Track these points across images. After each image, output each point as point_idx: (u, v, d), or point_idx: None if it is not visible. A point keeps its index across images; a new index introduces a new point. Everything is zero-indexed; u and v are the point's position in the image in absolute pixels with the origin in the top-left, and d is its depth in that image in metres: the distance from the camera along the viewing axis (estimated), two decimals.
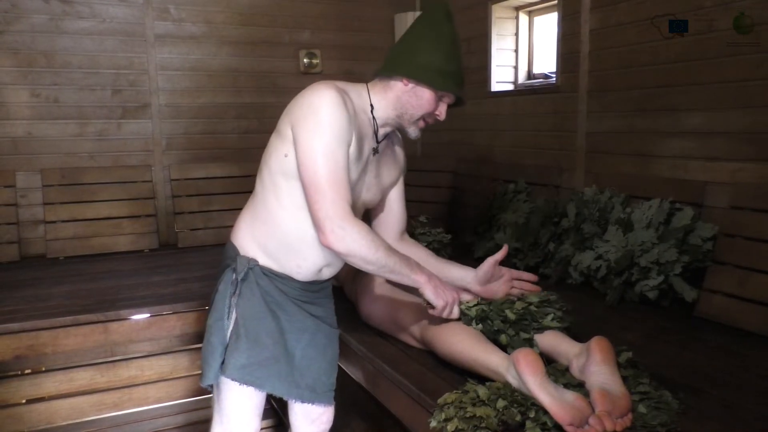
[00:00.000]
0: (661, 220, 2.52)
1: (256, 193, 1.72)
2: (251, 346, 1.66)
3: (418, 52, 1.66)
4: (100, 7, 3.73)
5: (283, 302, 1.71)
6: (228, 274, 1.70)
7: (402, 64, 1.67)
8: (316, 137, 1.53)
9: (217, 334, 1.68)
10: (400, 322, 2.02)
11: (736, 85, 2.41)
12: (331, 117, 1.53)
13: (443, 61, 1.66)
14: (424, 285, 1.65)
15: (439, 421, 1.49)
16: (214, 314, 1.70)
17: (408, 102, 1.69)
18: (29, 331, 2.44)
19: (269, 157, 1.66)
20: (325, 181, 1.52)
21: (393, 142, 1.90)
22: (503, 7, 3.81)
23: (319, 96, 1.55)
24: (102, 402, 2.72)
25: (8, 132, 3.61)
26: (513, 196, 3.43)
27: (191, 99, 4.00)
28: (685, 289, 2.35)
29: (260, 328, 1.67)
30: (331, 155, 1.53)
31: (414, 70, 1.65)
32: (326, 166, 1.53)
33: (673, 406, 1.51)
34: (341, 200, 1.53)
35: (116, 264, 3.42)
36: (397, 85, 1.69)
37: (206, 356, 1.70)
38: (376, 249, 1.57)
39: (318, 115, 1.53)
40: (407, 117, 1.72)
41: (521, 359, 1.48)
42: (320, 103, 1.54)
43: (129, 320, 2.58)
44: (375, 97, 1.71)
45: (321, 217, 1.53)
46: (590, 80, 3.11)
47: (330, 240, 1.54)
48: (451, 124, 4.30)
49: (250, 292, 1.68)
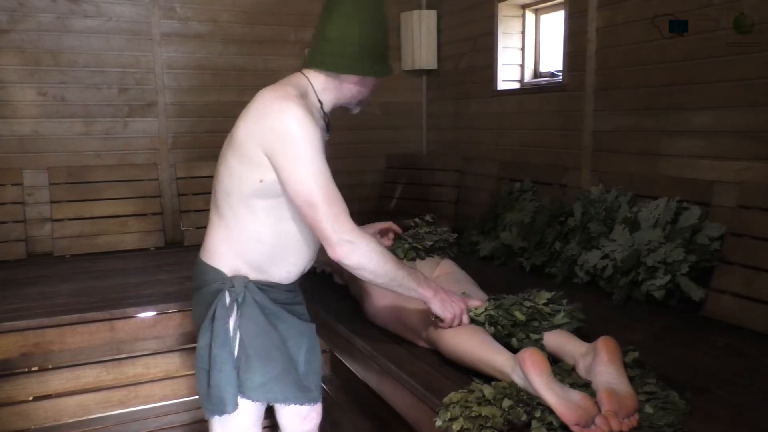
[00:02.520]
0: (668, 219, 2.51)
1: (225, 216, 1.64)
2: (264, 363, 1.63)
3: (369, 45, 1.64)
4: (106, 5, 3.74)
5: (278, 312, 1.68)
6: (222, 297, 1.63)
7: (361, 60, 1.64)
8: (299, 161, 1.50)
9: (227, 362, 1.61)
10: (405, 322, 2.02)
11: (744, 83, 2.40)
12: (305, 136, 1.50)
13: (384, 46, 1.70)
14: (431, 299, 1.68)
15: (444, 420, 1.49)
16: (217, 341, 1.62)
17: (359, 92, 1.72)
18: (36, 329, 2.45)
19: (238, 183, 1.58)
20: (321, 200, 1.51)
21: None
22: (510, 6, 3.80)
23: (288, 117, 1.51)
24: (108, 399, 2.73)
25: (15, 130, 3.63)
26: (519, 195, 3.42)
27: (197, 97, 4.00)
28: (692, 288, 2.34)
29: (267, 342, 1.64)
30: (319, 172, 1.52)
31: (369, 66, 1.66)
32: (318, 184, 1.51)
33: (679, 406, 1.50)
34: (342, 213, 1.53)
35: (122, 262, 3.43)
36: (351, 80, 1.68)
37: (221, 385, 1.61)
38: (386, 262, 1.58)
39: (294, 139, 1.50)
40: (354, 102, 1.76)
41: (527, 359, 1.48)
42: (293, 125, 1.50)
43: (135, 318, 2.59)
44: (323, 92, 1.69)
45: (328, 234, 1.52)
46: (597, 79, 3.10)
47: (340, 255, 1.53)
48: (457, 122, 4.32)
49: (250, 310, 1.63)
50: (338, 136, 4.48)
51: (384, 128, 4.62)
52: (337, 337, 2.32)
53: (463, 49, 4.19)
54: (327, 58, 1.65)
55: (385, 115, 4.61)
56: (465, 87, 4.20)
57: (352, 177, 4.54)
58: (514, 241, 3.15)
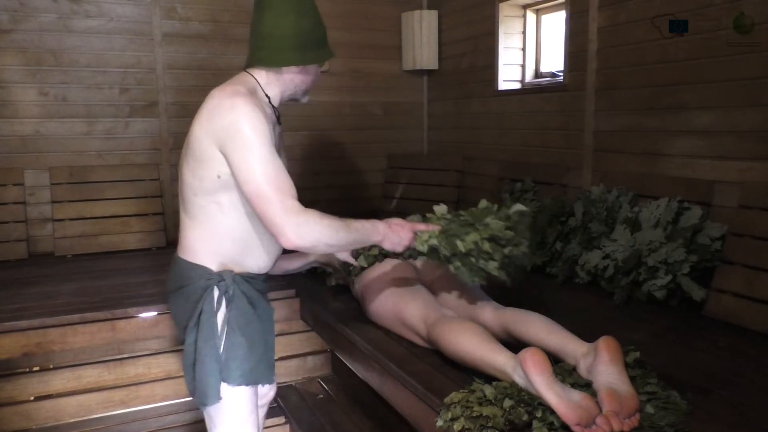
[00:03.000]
0: (669, 219, 2.51)
1: (196, 216, 1.68)
2: (249, 349, 1.69)
3: (301, 35, 1.68)
4: (107, 6, 3.74)
5: (258, 299, 1.75)
6: (209, 293, 1.67)
7: (291, 51, 1.68)
8: (248, 153, 1.55)
9: (211, 354, 1.66)
10: (406, 321, 2.02)
11: (746, 83, 2.40)
12: (254, 129, 1.56)
13: (322, 33, 1.74)
14: (383, 242, 1.76)
15: (445, 420, 1.49)
16: (202, 335, 1.66)
17: (302, 81, 1.75)
18: (37, 329, 2.45)
19: (200, 182, 1.64)
20: (268, 188, 1.54)
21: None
22: (511, 6, 3.80)
23: (237, 113, 1.56)
24: (109, 399, 2.74)
25: (17, 130, 3.63)
26: (520, 195, 3.42)
27: (198, 97, 3.91)
28: (693, 288, 2.34)
29: (253, 330, 1.71)
30: (266, 164, 1.56)
31: (305, 55, 1.70)
32: (264, 177, 1.55)
33: (681, 406, 1.50)
34: (290, 199, 1.56)
35: (124, 262, 3.44)
36: (290, 71, 1.72)
37: (204, 378, 1.66)
38: (336, 230, 1.61)
39: (242, 134, 1.55)
40: (300, 91, 1.79)
41: (528, 359, 1.48)
42: (241, 119, 1.56)
43: (136, 318, 2.59)
44: (268, 87, 1.73)
45: (277, 222, 1.54)
46: (598, 78, 3.10)
47: (293, 240, 1.56)
48: (458, 122, 4.32)
49: (240, 301, 1.69)
50: (339, 136, 4.54)
51: (385, 128, 4.63)
52: (338, 337, 2.33)
53: (464, 49, 4.19)
54: (264, 54, 1.70)
55: (386, 115, 4.61)
56: (466, 87, 4.20)
57: (353, 177, 4.55)
58: None
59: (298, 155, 4.20)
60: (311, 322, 2.69)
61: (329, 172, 4.42)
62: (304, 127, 4.30)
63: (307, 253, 2.31)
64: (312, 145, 4.34)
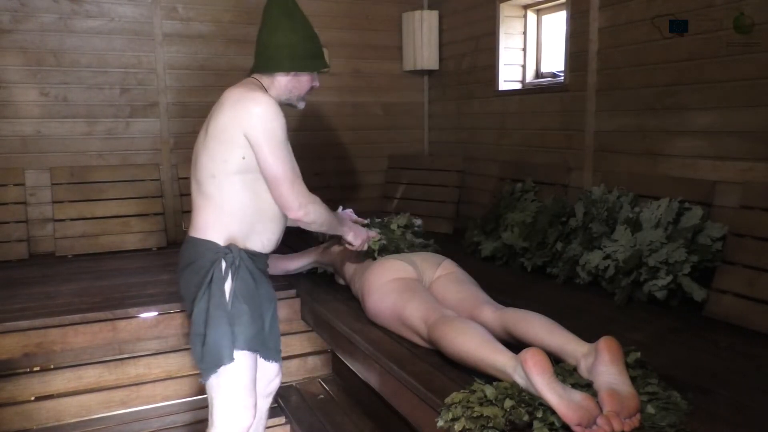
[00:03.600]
0: (670, 219, 2.51)
1: (212, 196, 1.92)
2: (252, 320, 1.90)
3: (291, 46, 1.99)
4: (108, 6, 3.74)
5: (259, 277, 1.97)
6: (218, 264, 1.88)
7: (282, 59, 1.99)
8: (271, 142, 1.87)
9: (222, 319, 1.85)
10: (406, 321, 2.02)
11: (747, 83, 2.40)
12: (276, 122, 1.87)
13: (311, 47, 2.05)
14: (348, 233, 2.28)
15: (446, 420, 1.49)
16: (213, 301, 1.86)
17: (294, 87, 2.05)
18: (38, 329, 2.45)
19: (223, 164, 1.89)
20: (285, 176, 1.90)
21: None
22: (511, 6, 3.80)
23: (265, 107, 1.86)
24: (110, 399, 2.74)
25: (17, 130, 3.63)
26: (520, 195, 3.42)
27: (199, 98, 4.00)
28: (694, 289, 2.34)
29: (254, 303, 1.92)
30: (285, 152, 1.90)
31: (294, 63, 2.00)
32: (283, 163, 1.89)
33: (681, 406, 1.50)
34: (299, 185, 1.93)
35: (124, 262, 3.44)
36: (281, 77, 2.01)
37: (218, 340, 1.84)
38: (328, 213, 2.07)
39: (271, 123, 1.86)
40: (295, 97, 2.08)
41: (529, 359, 1.48)
42: (267, 111, 1.86)
43: (137, 318, 2.59)
44: (269, 90, 2.01)
45: (292, 199, 1.91)
46: (599, 79, 3.10)
47: (300, 215, 1.94)
48: (459, 122, 4.32)
49: (244, 273, 1.90)
50: (340, 136, 4.54)
51: (386, 128, 4.63)
52: (339, 337, 2.33)
53: (464, 49, 4.19)
54: (261, 61, 2.02)
55: (387, 115, 4.61)
56: (467, 87, 4.20)
57: (355, 177, 4.55)
58: (515, 242, 3.14)
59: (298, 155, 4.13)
60: (312, 322, 2.69)
61: (330, 173, 4.42)
62: (304, 127, 4.30)
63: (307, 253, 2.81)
64: (312, 145, 4.33)
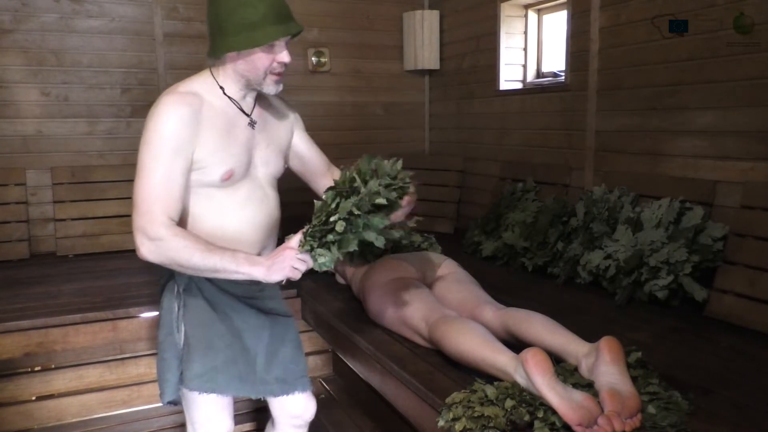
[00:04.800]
0: (671, 219, 2.51)
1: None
2: (204, 353, 1.66)
3: (224, 20, 1.57)
4: (109, 6, 3.74)
5: (233, 303, 1.71)
6: (169, 288, 1.71)
7: (218, 39, 1.60)
8: (141, 153, 1.56)
9: (169, 350, 1.69)
10: (408, 322, 2.02)
11: (748, 83, 2.39)
12: (156, 132, 1.54)
13: (248, 14, 1.55)
14: (257, 274, 1.54)
15: (447, 420, 1.49)
16: (163, 330, 1.71)
17: (246, 69, 1.63)
18: (39, 329, 2.46)
19: None
20: (139, 195, 1.55)
21: (270, 102, 1.84)
22: (512, 6, 3.80)
23: (155, 113, 1.56)
24: (111, 399, 2.74)
25: (18, 130, 3.63)
26: (521, 195, 3.42)
27: None
28: (695, 289, 2.34)
29: (211, 333, 1.67)
30: (153, 169, 1.53)
31: (229, 41, 1.58)
32: (143, 180, 1.54)
33: (682, 406, 1.50)
34: (155, 212, 1.53)
35: (125, 262, 3.43)
36: (227, 61, 1.64)
37: (162, 373, 1.70)
38: (191, 255, 1.52)
39: (146, 132, 1.55)
40: (255, 81, 1.65)
41: (530, 359, 1.48)
42: (150, 121, 1.56)
43: (138, 318, 2.59)
44: (220, 78, 1.68)
45: (134, 230, 1.55)
46: (600, 78, 3.10)
47: (142, 253, 1.55)
48: (460, 122, 4.32)
49: (194, 301, 1.68)
50: (341, 136, 4.54)
51: (386, 128, 4.63)
52: (339, 337, 2.33)
53: (465, 49, 4.18)
54: (209, 47, 1.67)
55: (388, 115, 4.61)
56: (468, 87, 4.20)
57: None
58: (516, 242, 3.14)
59: None
60: (312, 322, 2.69)
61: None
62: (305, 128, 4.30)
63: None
64: None
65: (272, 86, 1.67)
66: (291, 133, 1.94)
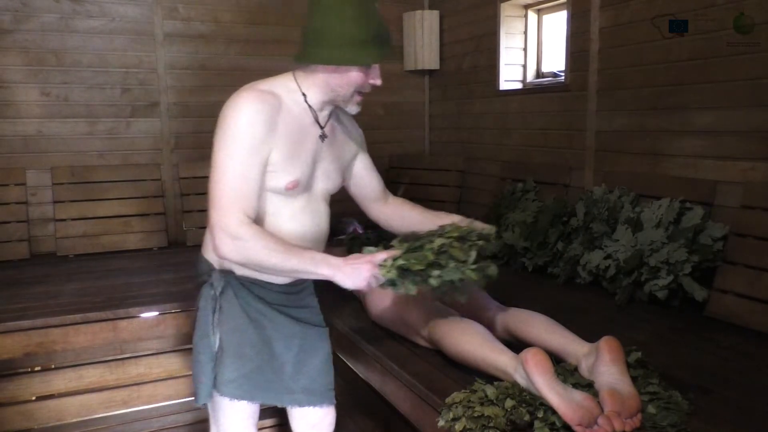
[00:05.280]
0: (671, 219, 2.51)
1: None
2: (234, 360, 1.65)
3: (328, 31, 1.54)
4: (109, 6, 3.74)
5: (266, 310, 1.68)
6: (206, 290, 1.69)
7: (317, 47, 1.56)
8: (220, 149, 1.51)
9: (204, 352, 1.67)
10: (408, 322, 2.02)
11: (748, 83, 2.39)
12: (236, 128, 1.50)
13: (357, 32, 1.54)
14: (334, 276, 1.56)
15: (447, 420, 1.49)
16: (198, 332, 1.69)
17: (337, 84, 1.61)
18: (39, 329, 2.45)
19: None
20: (220, 192, 1.50)
21: (340, 118, 1.82)
22: (512, 6, 3.80)
23: (232, 106, 1.53)
24: (111, 399, 2.74)
25: (19, 130, 3.63)
26: (521, 195, 3.41)
27: (200, 97, 4.00)
28: (695, 288, 2.34)
29: (243, 340, 1.66)
30: (234, 167, 1.50)
31: (332, 53, 1.55)
32: (224, 177, 1.50)
33: (682, 406, 1.50)
34: (236, 211, 1.50)
35: (125, 262, 3.44)
36: (321, 71, 1.60)
37: (197, 375, 1.69)
38: (269, 255, 1.51)
39: (225, 127, 1.51)
40: (341, 97, 1.64)
41: (530, 359, 1.48)
42: (230, 114, 1.52)
43: (138, 318, 2.59)
44: (304, 85, 1.63)
45: (214, 227, 1.50)
46: (600, 79, 3.10)
47: (223, 252, 1.51)
48: (460, 122, 4.32)
49: (229, 306, 1.66)
50: None
51: (387, 128, 4.62)
52: (340, 337, 2.32)
53: (465, 49, 4.18)
54: (300, 51, 1.62)
55: (388, 115, 4.61)
56: (468, 87, 4.20)
57: None
58: (516, 242, 3.14)
59: None
60: None
61: None
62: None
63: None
64: None
65: (355, 106, 1.69)
66: (355, 153, 1.90)
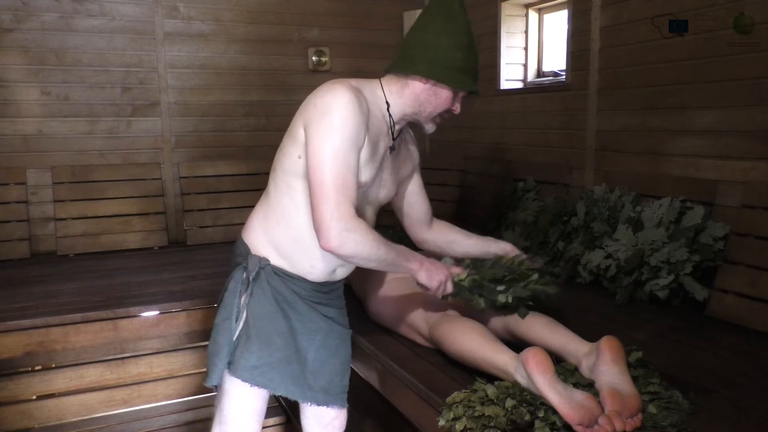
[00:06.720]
0: (672, 219, 2.51)
1: (269, 192, 1.69)
2: (262, 346, 1.64)
3: (437, 49, 1.60)
4: (110, 5, 3.74)
5: (295, 302, 1.68)
6: (239, 272, 1.68)
7: (421, 61, 1.61)
8: (326, 140, 1.49)
9: (223, 334, 1.66)
10: (408, 321, 2.02)
11: (749, 82, 2.39)
12: (343, 119, 1.50)
13: (463, 58, 1.62)
14: (418, 272, 1.65)
15: (447, 419, 1.49)
16: (223, 312, 1.68)
17: (426, 100, 1.66)
18: (40, 328, 2.45)
19: (282, 158, 1.63)
20: (331, 183, 1.48)
21: (405, 137, 1.89)
22: (513, 5, 3.80)
23: (333, 96, 1.52)
24: (111, 399, 2.74)
25: (19, 129, 3.64)
26: (522, 195, 3.41)
27: (200, 97, 4.01)
28: (695, 288, 2.34)
29: (271, 328, 1.65)
30: (341, 158, 1.50)
31: (435, 70, 1.61)
32: (334, 168, 1.49)
33: (683, 406, 1.50)
34: (347, 203, 1.50)
35: (126, 261, 3.44)
36: (416, 83, 1.65)
37: (212, 356, 1.68)
38: (378, 247, 1.55)
39: (330, 117, 1.50)
40: (425, 114, 1.69)
41: (530, 358, 1.47)
42: (334, 105, 1.50)
43: (138, 317, 2.59)
44: (390, 95, 1.67)
45: (326, 220, 1.48)
46: (600, 78, 3.09)
47: (334, 244, 1.50)
48: (460, 122, 4.30)
49: (262, 292, 1.66)
50: None
51: None
52: None
53: None
54: (398, 60, 1.67)
55: None
56: None
57: None
58: (517, 241, 3.14)
59: None
60: None
61: None
62: None
63: None
64: None
65: (432, 125, 1.74)
66: (411, 172, 1.96)
